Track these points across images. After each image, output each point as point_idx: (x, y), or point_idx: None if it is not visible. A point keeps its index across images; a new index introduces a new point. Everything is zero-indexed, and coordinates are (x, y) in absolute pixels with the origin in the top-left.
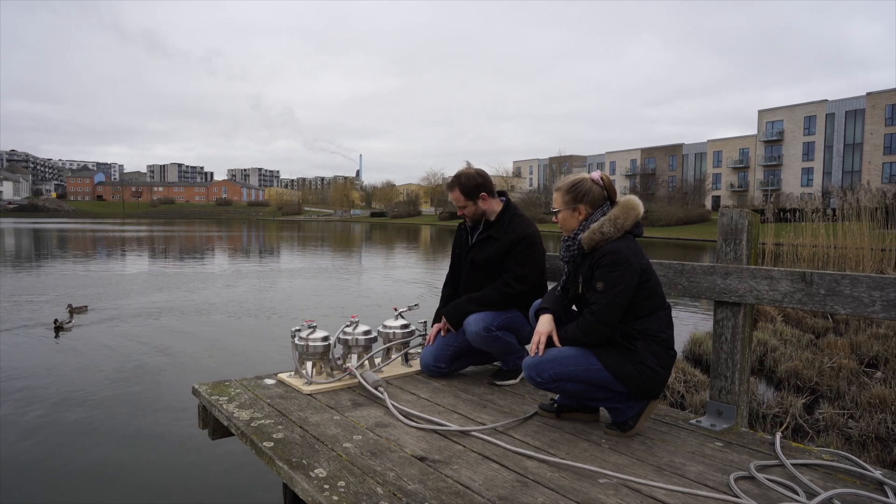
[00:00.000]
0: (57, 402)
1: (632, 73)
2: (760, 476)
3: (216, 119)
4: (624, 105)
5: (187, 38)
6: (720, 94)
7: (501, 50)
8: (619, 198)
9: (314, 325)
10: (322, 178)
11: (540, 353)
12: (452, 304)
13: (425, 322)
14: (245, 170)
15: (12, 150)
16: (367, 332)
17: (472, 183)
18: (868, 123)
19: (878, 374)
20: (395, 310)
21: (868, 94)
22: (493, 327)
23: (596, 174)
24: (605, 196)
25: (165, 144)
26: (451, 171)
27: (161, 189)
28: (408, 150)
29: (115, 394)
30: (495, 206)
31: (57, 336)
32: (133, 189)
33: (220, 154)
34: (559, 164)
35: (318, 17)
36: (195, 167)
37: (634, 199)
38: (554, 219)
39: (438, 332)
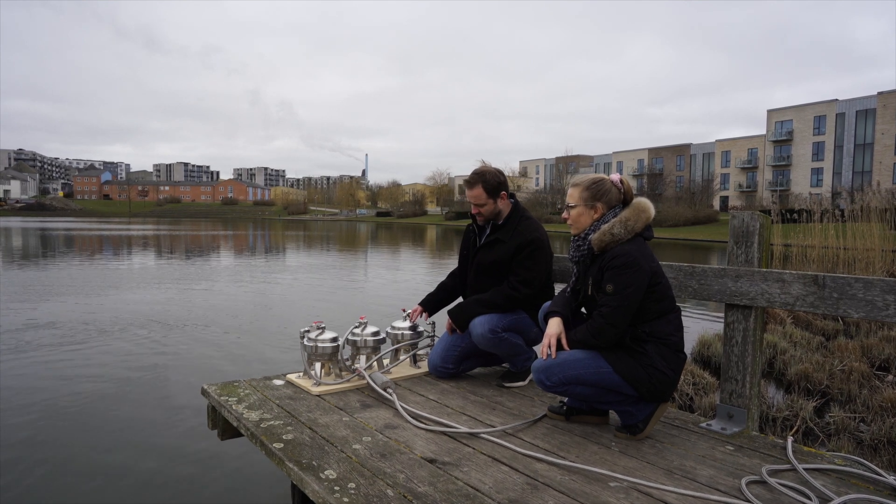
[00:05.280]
0: (59, 403)
1: (633, 71)
2: (772, 481)
3: (218, 118)
4: (626, 104)
5: (186, 37)
6: (723, 93)
7: (501, 48)
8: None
9: (323, 326)
10: (328, 178)
11: (552, 356)
12: (458, 305)
13: (433, 323)
14: (251, 169)
15: (20, 150)
16: (375, 334)
17: (496, 181)
18: (879, 123)
19: (890, 377)
20: (404, 311)
21: (879, 93)
22: (498, 329)
23: (615, 176)
24: (621, 199)
25: (168, 144)
26: (456, 171)
27: (167, 188)
28: (410, 150)
29: (122, 395)
30: (505, 207)
31: None
32: (139, 188)
33: (223, 153)
34: (566, 164)
35: (317, 15)
36: (201, 166)
37: (645, 201)
38: (565, 214)
39: (420, 315)
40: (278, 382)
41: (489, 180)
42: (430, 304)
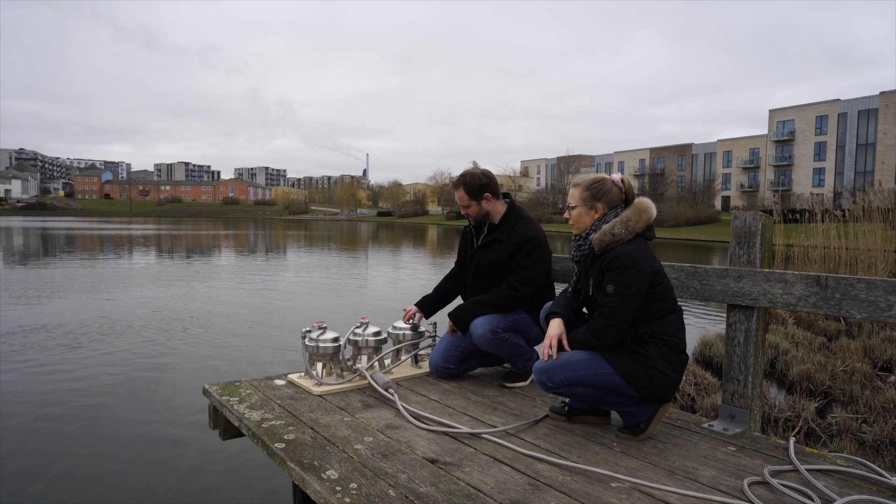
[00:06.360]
0: (59, 404)
1: (633, 71)
2: (774, 481)
3: (218, 118)
4: (627, 104)
5: (185, 36)
6: (724, 93)
7: (501, 48)
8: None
9: (324, 325)
10: (329, 178)
11: (554, 357)
12: (458, 307)
13: (435, 324)
14: (252, 169)
15: (21, 149)
16: (377, 334)
17: (477, 183)
18: (881, 123)
19: (892, 378)
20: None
21: (881, 93)
22: (499, 329)
23: (616, 176)
24: (622, 199)
25: (169, 143)
26: (457, 171)
27: (168, 188)
28: (410, 150)
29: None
30: (499, 207)
31: None
32: (140, 188)
33: (223, 153)
34: (567, 164)
35: (316, 15)
36: (202, 166)
37: (647, 201)
38: (566, 214)
39: (414, 315)
40: (280, 382)
41: (469, 182)
42: (426, 307)
